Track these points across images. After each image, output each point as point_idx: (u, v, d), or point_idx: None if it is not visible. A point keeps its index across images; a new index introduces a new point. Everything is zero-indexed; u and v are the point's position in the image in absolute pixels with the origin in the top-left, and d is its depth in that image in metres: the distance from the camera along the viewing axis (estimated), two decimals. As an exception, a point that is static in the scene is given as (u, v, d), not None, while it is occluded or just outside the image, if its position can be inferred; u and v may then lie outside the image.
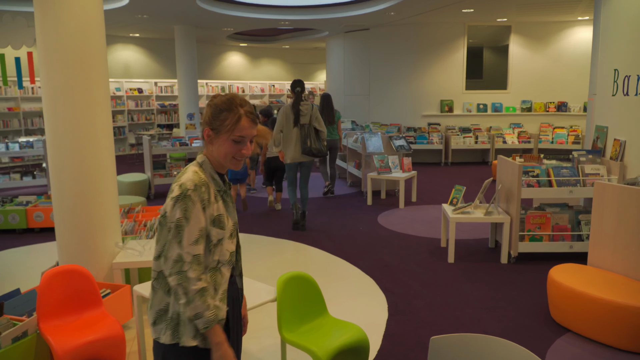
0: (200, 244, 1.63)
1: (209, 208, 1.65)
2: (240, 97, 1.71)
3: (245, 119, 1.67)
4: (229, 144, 1.67)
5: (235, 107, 1.67)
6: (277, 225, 6.33)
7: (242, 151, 1.70)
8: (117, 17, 10.42)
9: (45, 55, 3.52)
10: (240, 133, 1.66)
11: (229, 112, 1.66)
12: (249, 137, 1.69)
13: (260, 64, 17.06)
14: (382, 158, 7.23)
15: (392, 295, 4.17)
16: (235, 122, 1.65)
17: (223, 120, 1.65)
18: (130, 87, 13.87)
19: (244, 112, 1.67)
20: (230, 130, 1.65)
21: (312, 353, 2.58)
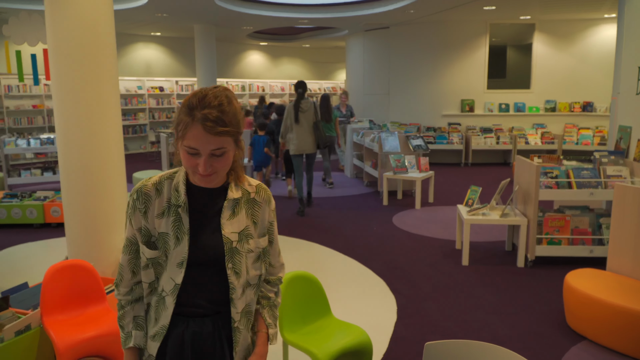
0: (125, 255, 1.45)
1: (144, 219, 1.41)
2: (210, 96, 1.33)
3: (196, 127, 1.29)
4: (183, 153, 1.33)
5: (192, 109, 1.31)
6: (291, 223, 6.28)
7: (199, 168, 1.32)
8: (138, 16, 10.52)
9: (54, 53, 3.53)
10: (189, 143, 1.30)
11: (184, 114, 1.33)
12: (204, 151, 1.31)
13: (281, 63, 17.08)
14: (398, 157, 7.12)
15: (402, 297, 4.08)
16: (185, 128, 1.30)
17: (178, 123, 1.34)
18: (151, 85, 14.02)
19: (200, 117, 1.29)
20: (181, 137, 1.32)
21: (312, 355, 2.52)
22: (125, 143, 13.56)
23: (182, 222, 1.40)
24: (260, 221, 1.51)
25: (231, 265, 1.43)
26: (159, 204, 1.42)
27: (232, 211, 1.45)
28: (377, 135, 7.78)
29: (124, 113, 13.45)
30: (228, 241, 1.42)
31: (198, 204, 1.44)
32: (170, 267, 1.40)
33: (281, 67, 17.11)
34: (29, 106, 11.66)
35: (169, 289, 1.41)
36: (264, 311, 1.56)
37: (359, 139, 8.82)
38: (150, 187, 1.42)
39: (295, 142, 6.61)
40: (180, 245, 1.40)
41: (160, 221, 1.41)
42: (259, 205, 1.51)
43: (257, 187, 1.53)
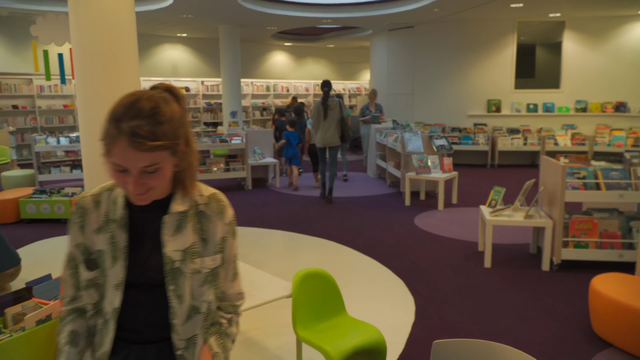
0: (67, 269, 1.31)
1: (80, 235, 1.27)
2: (143, 101, 1.13)
3: (122, 142, 1.10)
4: (111, 169, 1.15)
5: (117, 120, 1.11)
6: (311, 222, 6.26)
7: (128, 186, 1.15)
8: (164, 17, 10.67)
9: (78, 53, 3.60)
10: (116, 160, 1.12)
11: (109, 124, 1.13)
12: (133, 169, 1.12)
13: (305, 63, 17.10)
14: (421, 158, 7.03)
15: (421, 298, 4.01)
16: (110, 143, 1.12)
17: (104, 136, 1.14)
18: (178, 85, 14.18)
19: (127, 130, 1.09)
20: (107, 152, 1.14)
21: (325, 352, 2.49)
22: (152, 142, 13.75)
23: (118, 240, 1.24)
24: (211, 237, 1.30)
25: (173, 287, 1.25)
26: (96, 218, 1.26)
27: (176, 226, 1.27)
28: (400, 135, 7.70)
29: (151, 113, 13.64)
30: (169, 261, 1.25)
31: (138, 218, 1.27)
32: (109, 288, 1.25)
33: (306, 67, 17.13)
34: (60, 106, 11.94)
35: (109, 311, 1.26)
36: (211, 339, 1.34)
37: (381, 138, 8.75)
38: (88, 200, 1.27)
39: (321, 136, 7.23)
40: (116, 265, 1.24)
41: (98, 237, 1.26)
42: (208, 218, 1.31)
43: (210, 197, 1.32)
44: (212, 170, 8.34)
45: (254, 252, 5.12)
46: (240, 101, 12.18)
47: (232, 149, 8.74)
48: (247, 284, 2.86)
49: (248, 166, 8.48)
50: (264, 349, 3.26)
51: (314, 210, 7.01)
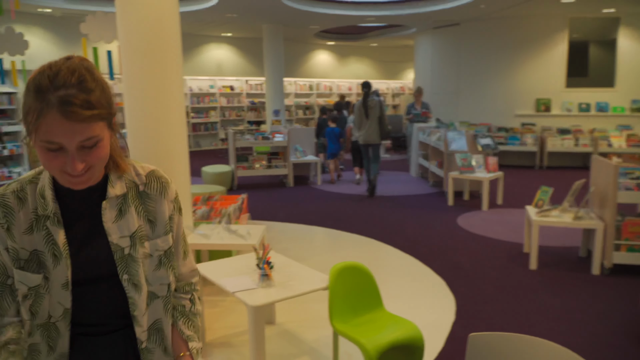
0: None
1: (9, 237, 1.10)
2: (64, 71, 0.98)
3: (53, 114, 0.96)
4: (41, 151, 1.00)
5: (42, 91, 0.97)
6: (351, 219, 6.23)
7: (67, 168, 1.01)
8: (209, 17, 10.88)
9: (125, 51, 3.70)
10: (47, 137, 0.97)
11: (32, 99, 0.98)
12: (71, 144, 0.98)
13: (348, 62, 17.07)
14: (465, 157, 6.87)
15: (462, 297, 3.92)
16: (37, 117, 0.97)
17: (26, 112, 1.00)
18: (222, 84, 14.46)
19: (56, 100, 0.95)
20: (34, 129, 0.98)
21: (361, 346, 2.46)
22: (197, 140, 14.08)
23: (55, 236, 1.11)
24: (158, 218, 1.21)
25: (127, 276, 1.16)
26: (25, 216, 1.11)
27: (117, 211, 1.16)
28: (444, 133, 7.56)
29: (197, 111, 13.96)
30: (118, 249, 1.15)
31: (73, 210, 1.14)
32: (54, 290, 1.12)
33: (349, 66, 17.10)
34: (110, 103, 12.38)
35: (58, 314, 1.14)
36: (179, 323, 1.28)
37: (424, 137, 8.61)
38: (10, 196, 1.10)
39: (363, 134, 7.49)
40: (60, 264, 1.11)
41: (31, 237, 1.11)
42: (151, 198, 1.21)
43: (149, 175, 1.22)
44: (254, 167, 8.44)
45: (294, 248, 5.14)
46: (283, 100, 12.28)
47: (275, 147, 8.82)
48: (283, 276, 2.88)
49: (290, 163, 8.53)
50: (300, 341, 3.27)
51: (355, 208, 6.97)
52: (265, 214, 6.57)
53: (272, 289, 2.71)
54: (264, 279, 2.79)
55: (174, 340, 1.26)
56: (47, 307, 1.13)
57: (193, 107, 13.87)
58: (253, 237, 3.78)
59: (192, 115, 13.80)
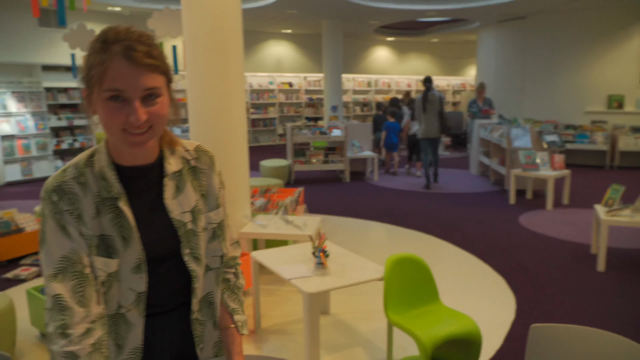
0: (62, 281, 1.04)
1: (81, 224, 1.06)
2: (127, 28, 1.02)
3: (118, 61, 0.98)
4: (105, 105, 0.99)
5: (107, 43, 0.99)
6: (408, 215, 6.15)
7: (131, 120, 0.99)
8: (269, 14, 11.05)
9: (189, 46, 3.83)
10: (112, 84, 0.97)
11: (95, 53, 1.00)
12: (135, 91, 0.99)
13: (408, 59, 16.83)
14: (529, 154, 6.61)
15: (523, 297, 3.77)
16: (102, 66, 0.98)
17: (89, 67, 1.00)
18: (281, 81, 14.66)
19: (120, 49, 0.98)
20: (98, 81, 0.98)
21: (416, 338, 2.43)
22: (256, 135, 14.36)
23: (124, 217, 1.09)
24: (210, 192, 1.24)
25: (189, 250, 1.17)
26: (90, 201, 1.07)
27: (175, 187, 1.17)
28: (507, 130, 7.31)
29: (256, 107, 14.23)
30: (180, 224, 1.16)
31: (133, 190, 1.13)
32: (124, 275, 1.10)
33: (408, 62, 16.86)
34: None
35: (129, 302, 1.11)
36: (225, 296, 1.30)
37: (486, 134, 8.36)
38: (71, 183, 1.07)
39: (423, 128, 7.64)
40: (130, 246, 1.09)
41: (96, 222, 1.07)
42: (203, 173, 1.23)
43: (197, 150, 1.24)
44: (311, 161, 8.50)
45: (349, 242, 5.14)
46: (341, 96, 12.29)
47: (332, 142, 8.85)
48: (339, 265, 2.89)
49: (347, 159, 8.53)
50: (354, 332, 3.27)
51: (411, 204, 6.88)
52: (321, 208, 6.60)
53: (327, 277, 2.73)
54: (319, 267, 2.81)
55: (221, 314, 1.28)
56: (116, 295, 1.10)
57: (252, 103, 14.14)
58: (309, 228, 3.82)
59: (251, 111, 14.08)
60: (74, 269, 1.05)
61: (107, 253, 1.08)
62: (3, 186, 8.59)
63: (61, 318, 1.02)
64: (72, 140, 9.70)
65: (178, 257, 1.17)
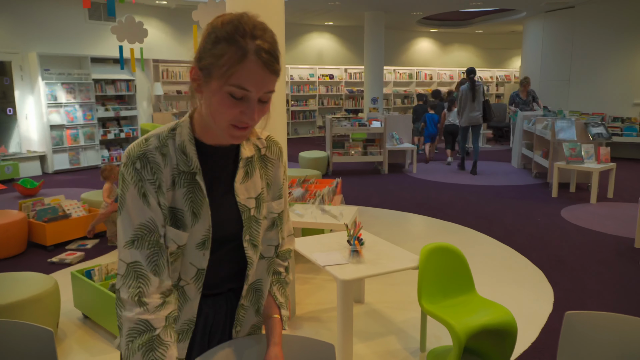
0: (139, 249, 1.06)
1: (160, 195, 1.08)
2: (258, 23, 1.02)
3: (253, 61, 0.98)
4: (223, 97, 1.00)
5: (242, 37, 0.98)
6: (446, 207, 6.10)
7: (244, 118, 1.03)
8: (313, 6, 11.09)
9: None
10: (241, 82, 0.99)
11: (229, 43, 0.98)
12: (257, 93, 1.01)
13: (451, 50, 16.54)
14: (573, 146, 6.43)
15: (561, 291, 3.71)
16: (235, 62, 0.98)
17: (218, 56, 0.99)
18: (322, 73, 14.70)
19: (256, 48, 0.98)
20: (226, 74, 0.98)
21: (450, 327, 2.44)
22: (296, 127, 14.48)
23: (198, 193, 1.11)
24: (274, 182, 1.25)
25: (249, 237, 1.18)
26: (168, 172, 1.09)
27: (244, 173, 1.19)
28: (551, 122, 7.11)
29: (296, 99, 14.34)
30: (245, 209, 1.17)
31: (210, 168, 1.15)
32: (188, 250, 1.12)
33: (451, 54, 16.57)
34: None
35: (189, 277, 1.14)
36: (274, 288, 1.30)
37: (529, 126, 8.16)
38: (154, 152, 1.08)
39: (467, 115, 8.21)
40: (199, 221, 1.11)
41: (170, 194, 1.09)
42: (271, 162, 1.25)
43: (268, 140, 1.26)
44: (349, 153, 8.52)
45: (385, 232, 5.16)
46: (382, 89, 12.22)
47: (371, 133, 8.84)
48: (373, 254, 2.92)
49: (385, 150, 8.51)
50: (388, 321, 3.30)
51: (450, 196, 6.82)
52: (359, 200, 6.63)
53: (362, 265, 2.77)
54: (354, 255, 2.85)
55: (268, 302, 1.29)
56: (179, 268, 1.13)
57: (293, 95, 14.25)
58: (345, 218, 3.86)
59: (291, 103, 14.20)
60: (151, 237, 1.07)
61: (176, 226, 1.09)
62: (52, 174, 9.01)
63: (137, 285, 1.04)
64: (118, 131, 10.05)
65: (237, 242, 1.18)
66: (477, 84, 8.16)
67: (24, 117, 9.12)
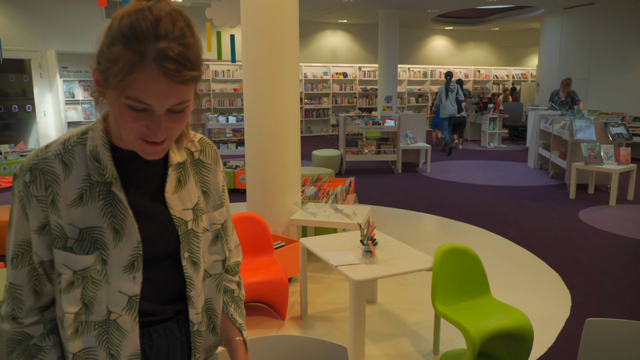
0: (19, 267, 0.94)
1: (53, 212, 0.91)
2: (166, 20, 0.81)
3: (151, 71, 0.80)
4: (122, 109, 0.84)
5: (139, 38, 0.80)
6: (460, 207, 6.02)
7: (149, 133, 0.86)
8: (327, 3, 11.03)
9: (245, 35, 3.89)
10: (139, 96, 0.81)
11: (124, 46, 0.80)
12: (161, 107, 0.83)
13: (466, 48, 16.37)
14: (592, 147, 6.31)
15: (579, 294, 3.63)
16: (130, 70, 0.80)
17: (113, 61, 0.81)
18: (336, 71, 14.65)
19: (156, 54, 0.79)
20: (120, 84, 0.81)
21: (464, 330, 2.39)
22: (309, 125, 14.45)
23: (118, 206, 0.94)
24: (213, 189, 1.10)
25: (187, 254, 1.03)
26: (72, 184, 0.92)
27: (177, 181, 1.03)
28: (569, 121, 6.99)
29: (309, 97, 14.31)
30: (181, 223, 1.02)
31: (132, 177, 0.98)
32: (114, 276, 0.94)
33: (466, 52, 16.40)
34: (230, 89, 13.12)
35: (120, 307, 0.96)
36: (230, 309, 1.18)
37: (546, 126, 8.03)
38: (52, 161, 0.91)
39: (443, 110, 10.24)
40: (123, 239, 0.94)
41: (79, 211, 0.92)
42: (207, 167, 1.10)
43: (201, 142, 1.10)
44: (363, 152, 8.47)
45: (399, 232, 5.10)
46: (396, 87, 12.14)
47: (384, 132, 8.78)
48: (387, 254, 2.88)
49: (399, 149, 8.44)
50: (400, 322, 3.25)
51: (465, 196, 6.73)
52: (372, 199, 6.58)
53: (375, 266, 2.73)
54: (367, 255, 2.81)
55: (225, 324, 1.18)
56: (105, 299, 0.95)
57: (306, 94, 14.22)
58: (359, 217, 3.82)
59: (305, 101, 14.17)
60: (27, 258, 0.94)
61: (90, 248, 0.92)
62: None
63: (13, 306, 0.95)
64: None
65: (173, 259, 1.02)
66: (452, 85, 10.07)
67: (42, 114, 9.22)
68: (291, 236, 3.93)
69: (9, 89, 9.05)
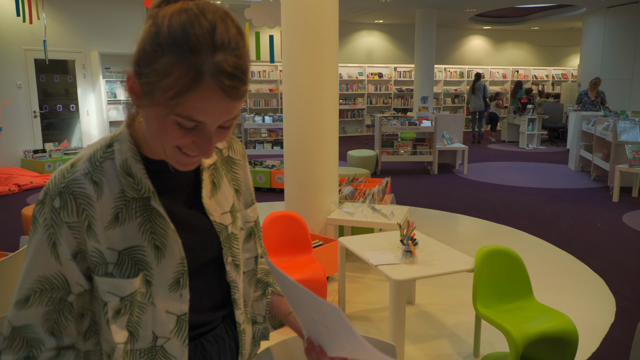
0: (35, 305, 0.83)
1: (90, 237, 0.82)
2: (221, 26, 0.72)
3: (210, 88, 0.71)
4: (169, 126, 0.75)
5: (195, 50, 0.70)
6: (499, 209, 5.93)
7: (197, 149, 0.78)
8: (364, 3, 11.02)
9: (286, 36, 3.95)
10: (192, 114, 0.73)
11: (177, 58, 0.70)
12: (214, 124, 0.76)
13: (504, 48, 16.06)
14: (637, 148, 6.11)
15: (624, 300, 3.53)
16: (185, 88, 0.71)
17: (161, 75, 0.71)
18: (371, 71, 14.61)
19: (214, 68, 0.71)
20: (171, 102, 0.72)
21: (507, 333, 2.37)
22: (343, 126, 14.46)
23: (158, 221, 0.86)
24: (244, 185, 1.05)
25: (231, 258, 0.98)
26: (106, 204, 0.83)
27: (212, 184, 0.97)
28: (613, 123, 6.79)
29: (345, 97, 14.32)
30: (222, 228, 0.96)
31: (165, 188, 0.90)
32: (160, 296, 0.87)
33: (504, 52, 16.09)
34: (266, 90, 13.26)
35: (168, 330, 0.89)
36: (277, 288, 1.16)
37: (589, 127, 7.81)
38: (82, 181, 0.82)
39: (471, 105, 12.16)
40: (166, 255, 0.87)
41: (116, 232, 0.84)
42: (237, 164, 1.04)
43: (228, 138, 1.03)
44: (399, 152, 8.43)
45: (436, 234, 5.07)
46: (432, 87, 12.03)
47: (420, 133, 8.71)
48: (427, 255, 2.87)
49: (435, 150, 8.36)
50: (440, 324, 3.24)
51: (503, 198, 6.62)
52: (408, 200, 6.55)
53: (415, 266, 2.73)
54: (407, 255, 2.81)
55: (275, 302, 1.14)
56: (150, 323, 0.87)
57: (341, 94, 14.23)
58: (396, 217, 3.82)
59: (339, 101, 14.19)
60: (52, 294, 0.83)
61: (132, 270, 0.84)
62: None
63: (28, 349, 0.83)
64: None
65: (215, 265, 0.97)
66: (478, 84, 11.87)
67: (85, 114, 9.54)
68: (328, 235, 3.96)
69: (54, 89, 9.38)
